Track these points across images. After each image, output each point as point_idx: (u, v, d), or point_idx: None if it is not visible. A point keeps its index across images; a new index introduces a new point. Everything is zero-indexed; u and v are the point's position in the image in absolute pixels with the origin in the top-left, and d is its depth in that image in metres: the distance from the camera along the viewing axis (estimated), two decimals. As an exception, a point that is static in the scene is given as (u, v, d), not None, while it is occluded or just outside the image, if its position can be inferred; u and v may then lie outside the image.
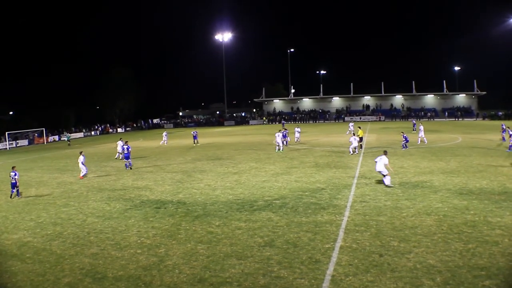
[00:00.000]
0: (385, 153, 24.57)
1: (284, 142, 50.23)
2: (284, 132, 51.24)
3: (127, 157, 35.81)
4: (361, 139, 42.64)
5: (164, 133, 62.22)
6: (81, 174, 31.58)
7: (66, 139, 77.90)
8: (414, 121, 72.26)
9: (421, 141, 46.41)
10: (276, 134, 44.13)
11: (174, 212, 19.65)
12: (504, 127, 47.11)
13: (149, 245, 15.13)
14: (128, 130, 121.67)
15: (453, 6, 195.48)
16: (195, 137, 57.06)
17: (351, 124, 67.20)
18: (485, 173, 26.71)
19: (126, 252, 14.50)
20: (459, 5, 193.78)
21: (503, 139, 45.14)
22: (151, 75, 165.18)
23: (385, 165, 23.66)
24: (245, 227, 16.69)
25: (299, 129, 55.71)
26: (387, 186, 23.37)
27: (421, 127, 48.08)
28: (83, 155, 32.21)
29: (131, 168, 35.16)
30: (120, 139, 43.99)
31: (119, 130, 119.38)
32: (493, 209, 18.10)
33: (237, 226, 16.95)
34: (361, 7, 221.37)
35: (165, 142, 59.99)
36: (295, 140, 53.15)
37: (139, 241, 15.64)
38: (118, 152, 42.80)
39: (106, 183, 28.79)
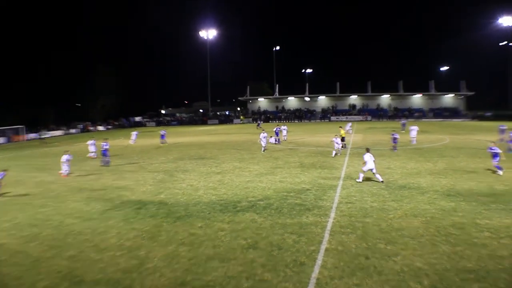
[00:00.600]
0: (368, 150, 25.62)
1: (276, 141, 50.50)
2: (276, 130, 51.52)
3: (104, 154, 35.76)
4: (342, 139, 42.75)
5: (134, 133, 61.95)
6: (64, 172, 31.28)
7: (40, 136, 76.98)
8: (403, 121, 72.40)
9: (411, 141, 46.69)
10: (261, 135, 43.73)
11: (155, 213, 19.48)
12: (504, 128, 47.32)
13: (129, 247, 14.96)
14: (109, 128, 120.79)
15: (442, 6, 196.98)
16: (162, 136, 56.53)
17: (349, 124, 67.36)
18: (473, 174, 26.89)
19: (105, 254, 14.33)
20: (448, 5, 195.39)
21: (501, 140, 44.61)
22: (133, 72, 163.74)
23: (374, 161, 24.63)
24: (228, 229, 16.59)
25: (285, 127, 55.93)
26: (382, 182, 24.59)
27: (415, 127, 48.24)
28: (67, 155, 31.83)
29: (106, 163, 35.54)
30: (92, 138, 43.62)
31: (100, 128, 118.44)
32: (481, 211, 18.20)
33: (220, 227, 16.84)
34: (348, 6, 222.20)
35: (133, 141, 59.59)
36: (283, 139, 53.43)
37: (118, 243, 15.47)
38: (93, 152, 42.40)
39: (86, 182, 28.48)
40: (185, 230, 16.65)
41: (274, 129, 52.71)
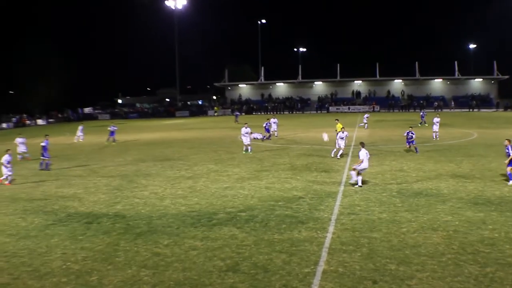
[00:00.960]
0: (363, 145, 26.37)
1: (265, 137, 50.83)
2: (266, 124, 51.75)
3: (44, 156, 35.37)
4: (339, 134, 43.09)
5: (80, 127, 61.61)
6: (4, 179, 30.46)
7: None
8: (423, 113, 72.93)
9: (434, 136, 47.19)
10: (242, 130, 43.34)
11: (110, 229, 19.44)
12: None
13: (78, 271, 14.88)
14: (51, 122, 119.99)
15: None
16: (112, 133, 56.25)
17: (366, 115, 67.73)
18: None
19: (47, 281, 14.24)
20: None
21: None
22: (81, 51, 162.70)
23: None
24: (201, 247, 16.61)
25: (276, 120, 56.12)
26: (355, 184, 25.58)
27: (438, 120, 48.65)
28: (8, 155, 31.04)
29: (46, 167, 35.21)
30: (20, 135, 43.16)
31: (40, 122, 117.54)
32: (516, 223, 18.40)
33: (192, 245, 16.86)
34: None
35: (80, 138, 59.34)
36: (274, 135, 53.76)
37: (64, 266, 15.38)
38: (20, 154, 41.97)
39: (22, 190, 28.30)
40: (147, 249, 16.62)
41: (264, 124, 53.04)
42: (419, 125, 64.79)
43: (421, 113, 73.23)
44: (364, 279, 13.35)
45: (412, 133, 39.04)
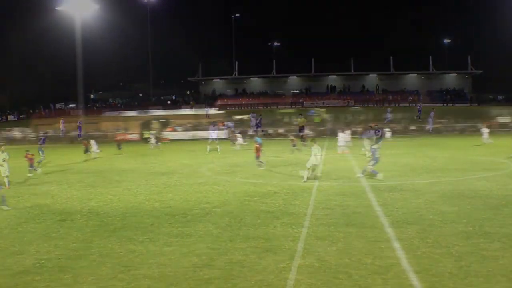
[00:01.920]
0: (315, 141, 27.00)
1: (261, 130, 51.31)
2: (258, 119, 52.01)
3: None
4: (301, 129, 43.26)
5: (61, 121, 61.25)
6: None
7: None
8: (420, 106, 73.22)
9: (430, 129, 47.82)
10: (211, 128, 42.48)
11: (84, 225, 19.32)
12: None
13: (51, 269, 14.72)
14: (22, 118, 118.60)
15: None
16: (79, 129, 56.10)
17: (388, 110, 67.71)
18: (482, 171, 27.45)
19: (20, 279, 14.06)
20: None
21: None
22: (51, 45, 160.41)
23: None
24: (176, 244, 16.57)
25: (254, 115, 56.32)
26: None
27: (433, 114, 49.13)
28: (1, 151, 30.07)
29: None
30: None
31: (11, 118, 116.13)
32: (491, 216, 18.56)
33: (166, 242, 16.81)
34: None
35: (63, 132, 59.07)
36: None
37: (37, 264, 15.22)
38: None
39: (-8, 188, 28.00)
40: (122, 246, 16.51)
41: (252, 116, 53.65)
42: (417, 118, 65.45)
43: (418, 107, 73.44)
44: (340, 273, 13.34)
45: (378, 131, 36.83)
